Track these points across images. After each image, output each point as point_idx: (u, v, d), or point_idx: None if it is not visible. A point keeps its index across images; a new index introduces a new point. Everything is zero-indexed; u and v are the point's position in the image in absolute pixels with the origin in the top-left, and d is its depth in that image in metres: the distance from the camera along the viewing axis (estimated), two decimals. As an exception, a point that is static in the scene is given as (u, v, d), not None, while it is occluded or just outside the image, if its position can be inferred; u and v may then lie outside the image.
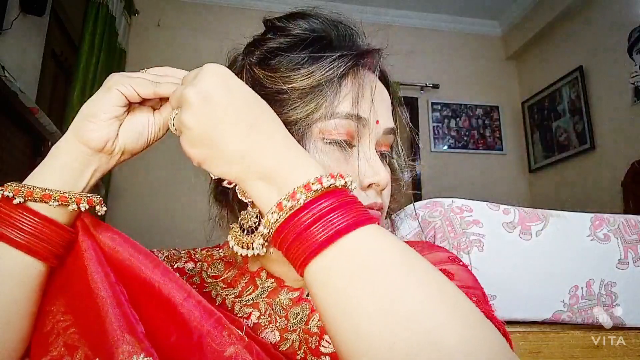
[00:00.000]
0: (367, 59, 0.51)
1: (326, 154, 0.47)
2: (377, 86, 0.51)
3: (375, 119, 0.49)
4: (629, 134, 2.51)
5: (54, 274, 0.44)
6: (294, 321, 0.49)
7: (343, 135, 0.47)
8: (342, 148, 0.48)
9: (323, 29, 0.52)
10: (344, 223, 0.33)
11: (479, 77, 3.48)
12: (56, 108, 2.34)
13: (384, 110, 0.52)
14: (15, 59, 1.74)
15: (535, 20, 3.19)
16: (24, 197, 0.41)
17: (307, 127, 0.47)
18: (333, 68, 0.47)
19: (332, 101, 0.47)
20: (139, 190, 2.73)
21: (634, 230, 0.78)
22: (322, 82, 0.47)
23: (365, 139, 0.49)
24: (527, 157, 3.35)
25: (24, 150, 1.21)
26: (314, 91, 0.47)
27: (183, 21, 3.03)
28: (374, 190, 0.48)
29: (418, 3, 3.34)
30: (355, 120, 0.47)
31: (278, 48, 0.50)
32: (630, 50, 2.50)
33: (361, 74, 0.49)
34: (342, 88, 0.48)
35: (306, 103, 0.47)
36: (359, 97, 0.48)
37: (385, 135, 0.51)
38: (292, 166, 0.37)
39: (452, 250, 0.71)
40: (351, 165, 0.48)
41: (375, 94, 0.50)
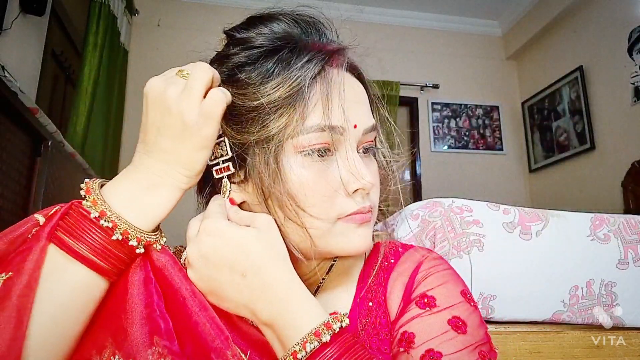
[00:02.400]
0: (335, 58, 0.49)
1: (306, 167, 0.46)
2: (350, 86, 0.49)
3: (353, 124, 0.47)
4: (629, 134, 2.51)
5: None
6: None
7: (320, 147, 0.46)
8: (322, 159, 0.46)
9: (286, 31, 0.49)
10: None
11: (479, 77, 3.48)
12: (56, 108, 2.34)
13: (360, 110, 0.50)
14: (15, 59, 1.74)
15: (535, 20, 3.19)
16: (110, 224, 0.41)
17: (281, 143, 0.45)
18: (299, 77, 0.45)
19: (302, 114, 0.45)
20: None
21: (634, 230, 0.78)
22: (290, 94, 0.45)
23: (344, 144, 0.48)
24: (527, 157, 3.35)
25: (24, 150, 1.21)
26: (284, 104, 0.45)
27: (183, 21, 3.03)
28: (361, 195, 0.48)
29: (418, 3, 3.34)
30: (330, 130, 0.46)
31: (244, 63, 0.48)
32: (630, 50, 2.50)
33: (329, 77, 0.47)
34: (312, 98, 0.46)
35: (276, 119, 0.45)
36: (329, 107, 0.46)
37: (365, 135, 0.50)
38: (286, 320, 0.41)
39: (452, 250, 0.71)
40: (331, 175, 0.47)
41: (348, 95, 0.48)
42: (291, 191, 0.46)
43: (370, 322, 0.50)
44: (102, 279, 0.41)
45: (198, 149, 0.44)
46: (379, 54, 3.20)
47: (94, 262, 0.40)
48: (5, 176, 1.09)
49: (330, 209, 0.46)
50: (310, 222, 0.46)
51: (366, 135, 0.50)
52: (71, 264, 0.40)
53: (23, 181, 1.19)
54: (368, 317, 0.51)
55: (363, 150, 0.51)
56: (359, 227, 0.48)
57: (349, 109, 0.47)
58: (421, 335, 0.45)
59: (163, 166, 0.44)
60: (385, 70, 3.18)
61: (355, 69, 0.52)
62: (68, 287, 0.40)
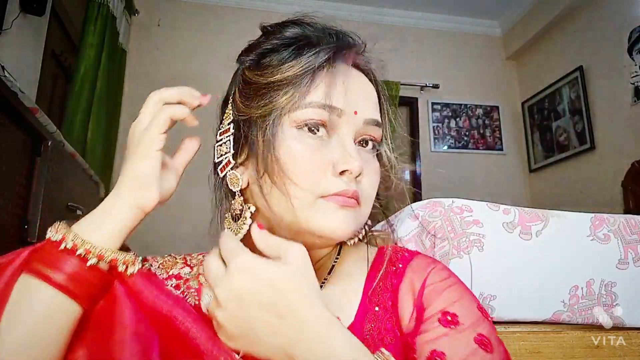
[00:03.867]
0: (347, 54, 0.54)
1: (299, 140, 0.49)
2: (357, 80, 0.54)
3: (353, 110, 0.51)
4: (629, 134, 2.51)
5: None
6: None
7: (316, 125, 0.49)
8: (317, 136, 0.49)
9: (312, 31, 0.54)
10: None
11: (479, 77, 3.48)
12: (56, 108, 2.34)
13: (364, 101, 0.53)
14: (15, 59, 1.74)
15: (535, 20, 3.19)
16: (71, 245, 0.42)
17: (280, 115, 0.49)
18: (310, 61, 0.50)
19: (305, 92, 0.49)
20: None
21: (634, 230, 0.78)
22: (298, 74, 0.50)
23: (341, 128, 0.50)
24: (527, 157, 3.35)
25: (23, 150, 1.21)
26: (291, 83, 0.50)
27: (183, 21, 3.03)
28: (347, 178, 0.49)
29: (418, 3, 3.34)
30: (328, 110, 0.49)
31: (268, 49, 0.54)
32: (630, 50, 2.50)
33: (339, 67, 0.52)
34: (317, 79, 0.50)
35: (282, 94, 0.50)
36: (332, 87, 0.50)
37: (366, 126, 0.52)
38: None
39: (452, 250, 0.71)
40: (323, 154, 0.49)
41: (353, 86, 0.52)
42: (281, 159, 0.49)
43: (376, 327, 0.50)
44: (73, 302, 0.42)
45: (140, 158, 0.46)
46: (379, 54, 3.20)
47: (62, 284, 0.41)
48: (5, 176, 1.09)
49: (315, 184, 0.48)
50: (295, 191, 0.48)
51: (367, 127, 0.52)
52: (41, 286, 0.41)
53: (23, 181, 1.19)
54: (374, 321, 0.51)
55: (363, 142, 0.53)
56: (339, 209, 0.48)
57: (352, 96, 0.51)
58: (452, 355, 0.45)
59: (117, 186, 0.47)
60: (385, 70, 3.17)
61: (367, 70, 0.56)
62: (38, 309, 0.41)
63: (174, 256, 0.59)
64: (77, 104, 2.27)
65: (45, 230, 0.44)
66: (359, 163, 0.48)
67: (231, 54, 0.58)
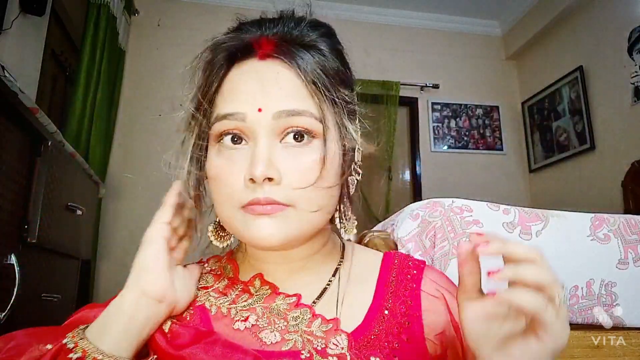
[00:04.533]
0: (256, 49, 0.50)
1: (219, 155, 0.50)
2: (265, 73, 0.49)
3: (256, 108, 0.47)
4: (629, 134, 2.51)
5: None
6: (294, 323, 0.49)
7: (227, 136, 0.49)
8: (235, 146, 0.50)
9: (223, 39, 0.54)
10: None
11: (479, 77, 3.48)
12: (56, 108, 2.34)
13: (271, 95, 0.48)
14: (15, 59, 1.74)
15: (535, 20, 3.19)
16: (80, 353, 0.43)
17: (204, 136, 0.52)
18: (209, 73, 0.51)
19: (217, 104, 0.50)
20: (138, 190, 2.73)
21: (634, 230, 0.78)
22: (204, 90, 0.51)
23: (255, 131, 0.48)
24: (527, 157, 3.35)
25: (23, 150, 1.21)
26: (202, 100, 0.51)
27: (183, 21, 3.03)
28: (258, 186, 0.46)
29: (418, 3, 3.34)
30: (230, 118, 0.48)
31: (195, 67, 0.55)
32: (630, 50, 2.50)
33: (241, 67, 0.50)
34: (223, 87, 0.51)
35: (199, 116, 0.52)
36: (229, 93, 0.50)
37: (281, 120, 0.47)
38: None
39: (452, 250, 0.71)
40: (237, 163, 0.49)
41: (257, 82, 0.48)
42: (208, 174, 0.51)
43: (383, 329, 0.50)
44: None
45: (143, 247, 0.50)
46: (379, 54, 3.20)
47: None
48: (5, 176, 1.09)
49: (231, 197, 0.48)
50: (219, 206, 0.50)
51: (283, 120, 0.48)
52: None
53: (23, 181, 1.19)
54: (382, 324, 0.51)
55: (297, 135, 0.48)
56: (256, 219, 0.47)
57: (255, 94, 0.48)
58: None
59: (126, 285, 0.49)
60: (385, 70, 3.17)
61: (289, 63, 0.49)
62: None
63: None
64: (77, 104, 2.27)
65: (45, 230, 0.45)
66: (261, 169, 0.45)
67: None
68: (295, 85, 0.49)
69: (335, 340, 0.48)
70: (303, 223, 0.49)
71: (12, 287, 1.05)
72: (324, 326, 0.49)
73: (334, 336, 0.48)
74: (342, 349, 0.47)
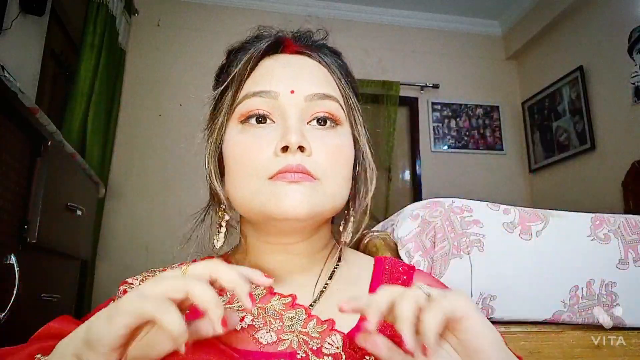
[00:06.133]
0: (287, 45, 0.56)
1: (243, 132, 0.52)
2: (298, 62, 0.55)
3: (289, 89, 0.51)
4: (629, 134, 2.51)
5: None
6: (290, 324, 0.50)
7: (255, 112, 0.51)
8: (260, 124, 0.51)
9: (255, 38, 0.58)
10: None
11: (479, 77, 3.48)
12: (56, 108, 2.34)
13: (306, 79, 0.53)
14: (15, 59, 1.74)
15: (535, 20, 3.19)
16: None
17: (228, 116, 0.53)
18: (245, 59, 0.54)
19: (247, 86, 0.53)
20: (138, 191, 2.73)
21: (634, 230, 0.78)
22: (236, 75, 0.53)
23: (284, 110, 0.51)
24: (527, 157, 3.35)
25: (23, 150, 1.21)
26: (231, 84, 0.54)
27: (183, 21, 3.03)
28: (290, 153, 0.49)
29: (418, 3, 3.34)
30: (263, 95, 0.51)
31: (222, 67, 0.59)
32: (630, 50, 2.50)
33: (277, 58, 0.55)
34: (255, 72, 0.54)
35: (226, 95, 0.54)
36: (264, 75, 0.53)
37: (312, 102, 0.52)
38: None
39: (452, 250, 0.71)
40: (265, 138, 0.50)
41: (291, 68, 0.53)
42: (228, 155, 0.53)
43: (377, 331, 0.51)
44: None
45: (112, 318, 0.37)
46: (379, 54, 3.20)
47: None
48: (5, 176, 1.09)
49: (258, 168, 0.49)
50: (244, 181, 0.51)
51: (314, 102, 0.52)
52: None
53: (23, 181, 1.19)
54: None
55: (320, 120, 0.53)
56: (288, 185, 0.48)
57: (289, 78, 0.52)
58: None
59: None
60: (385, 70, 3.17)
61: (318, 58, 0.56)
62: None
63: (154, 270, 0.58)
64: (76, 104, 2.27)
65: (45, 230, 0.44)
66: (297, 137, 0.48)
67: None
68: (323, 73, 0.55)
69: (330, 340, 0.48)
70: (327, 199, 0.51)
71: (12, 287, 1.05)
72: (319, 327, 0.50)
73: (329, 336, 0.49)
74: (337, 348, 0.48)
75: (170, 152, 2.74)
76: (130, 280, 0.56)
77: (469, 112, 3.42)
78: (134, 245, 2.62)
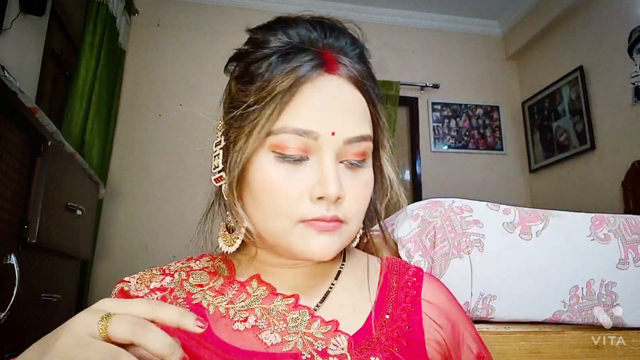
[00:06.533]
0: (332, 65, 0.50)
1: (277, 166, 0.48)
2: (340, 92, 0.50)
3: (330, 131, 0.48)
4: (629, 134, 2.51)
5: None
6: (293, 324, 0.50)
7: (292, 150, 0.48)
8: (295, 160, 0.48)
9: (300, 34, 0.51)
10: None
11: (479, 77, 3.48)
12: (56, 108, 2.34)
13: (345, 118, 0.49)
14: (15, 59, 1.74)
15: (535, 20, 3.19)
16: None
17: (256, 137, 0.48)
18: (286, 78, 0.47)
19: (282, 114, 0.48)
20: (137, 191, 2.73)
21: (634, 230, 0.78)
22: (274, 92, 0.47)
23: (320, 150, 0.48)
24: (527, 157, 3.35)
25: (23, 150, 1.21)
26: (267, 103, 0.48)
27: (183, 21, 3.03)
28: (325, 203, 0.48)
29: (418, 3, 3.34)
30: (303, 134, 0.47)
31: (252, 61, 0.51)
32: (630, 50, 2.50)
33: (320, 81, 0.49)
34: (296, 99, 0.48)
35: (258, 115, 0.48)
36: (307, 108, 0.48)
37: (348, 145, 0.49)
38: None
39: (452, 250, 0.71)
40: (301, 178, 0.48)
41: (333, 102, 0.49)
42: (255, 185, 0.49)
43: (383, 333, 0.51)
44: None
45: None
46: (379, 54, 3.20)
47: None
48: (5, 176, 1.09)
49: (293, 210, 0.48)
50: (273, 217, 0.49)
51: (351, 145, 0.50)
52: None
53: (23, 181, 1.19)
54: (382, 329, 0.52)
55: (349, 163, 0.51)
56: (319, 235, 0.48)
57: (331, 115, 0.48)
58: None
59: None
60: (385, 70, 3.17)
61: (355, 79, 0.51)
62: None
63: (149, 269, 0.58)
64: (76, 104, 2.27)
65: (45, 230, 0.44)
66: (335, 189, 0.47)
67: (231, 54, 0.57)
68: (361, 106, 0.52)
69: (335, 341, 0.49)
70: (350, 237, 0.53)
71: (12, 287, 1.05)
72: (323, 327, 0.50)
73: (334, 337, 0.49)
74: (342, 349, 0.48)
75: (169, 152, 2.74)
76: (127, 278, 0.55)
77: (469, 112, 3.42)
78: (134, 245, 2.62)
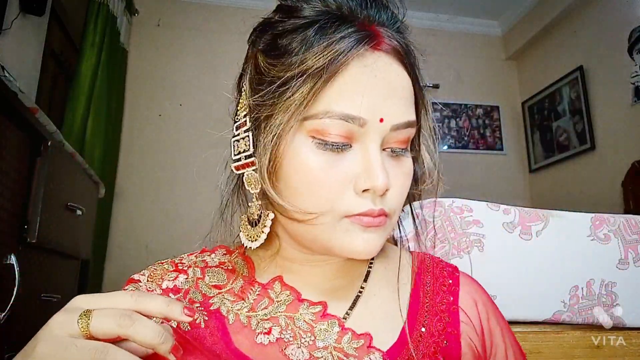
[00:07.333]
0: (379, 40, 0.44)
1: (317, 154, 0.43)
2: (388, 72, 0.44)
3: (378, 117, 0.43)
4: (629, 134, 2.51)
5: None
6: (322, 338, 0.46)
7: (335, 137, 0.42)
8: (337, 147, 0.43)
9: (338, 3, 0.45)
10: None
11: (479, 77, 3.48)
12: (56, 108, 2.34)
13: (393, 103, 0.44)
14: (15, 59, 1.74)
15: (535, 20, 3.19)
16: None
17: (293, 119, 0.43)
18: (329, 51, 0.42)
19: (324, 96, 0.42)
20: (141, 190, 2.73)
21: (634, 230, 0.78)
22: (318, 72, 0.42)
23: (366, 137, 0.43)
24: (527, 157, 3.35)
25: (23, 150, 1.21)
26: (306, 79, 0.42)
27: (183, 21, 3.03)
28: (371, 196, 0.43)
29: (418, 3, 3.34)
30: (348, 120, 0.42)
31: (285, 31, 0.45)
32: (630, 50, 2.50)
33: (367, 58, 0.43)
34: (338, 80, 0.42)
35: (295, 93, 0.42)
36: (354, 91, 0.42)
37: (394, 132, 0.44)
38: None
39: (452, 250, 0.71)
40: (344, 168, 0.43)
41: (381, 83, 0.43)
42: (296, 172, 0.43)
43: (419, 349, 0.47)
44: None
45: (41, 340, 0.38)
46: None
47: None
48: (5, 176, 1.09)
49: (336, 203, 0.43)
50: (313, 210, 0.43)
51: (397, 132, 0.45)
52: None
53: (23, 181, 1.19)
54: (418, 343, 0.47)
55: (391, 150, 0.46)
56: (364, 231, 0.44)
57: (378, 100, 0.43)
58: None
59: None
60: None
61: (402, 56, 0.46)
62: None
63: (160, 263, 0.52)
64: (77, 104, 2.27)
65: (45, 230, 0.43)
66: (383, 180, 0.42)
67: (231, 54, 0.55)
68: (408, 87, 0.47)
69: (369, 359, 0.44)
70: (387, 236, 0.48)
71: (12, 287, 1.05)
72: (355, 342, 0.45)
73: (367, 355, 0.45)
74: None
75: (170, 152, 2.74)
76: (137, 277, 0.51)
77: (469, 112, 3.42)
78: (134, 245, 2.62)
